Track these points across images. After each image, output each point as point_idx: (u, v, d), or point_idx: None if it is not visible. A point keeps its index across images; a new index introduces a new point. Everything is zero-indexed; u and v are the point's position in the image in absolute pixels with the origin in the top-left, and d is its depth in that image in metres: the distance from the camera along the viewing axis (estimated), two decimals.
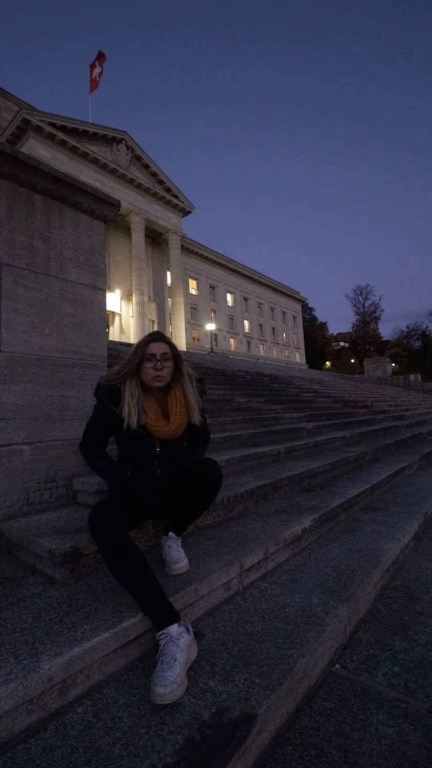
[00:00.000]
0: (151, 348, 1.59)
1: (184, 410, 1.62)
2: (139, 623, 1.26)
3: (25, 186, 2.11)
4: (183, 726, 0.98)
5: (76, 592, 1.42)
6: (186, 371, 1.67)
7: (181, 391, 1.64)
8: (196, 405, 1.65)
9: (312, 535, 2.27)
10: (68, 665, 1.07)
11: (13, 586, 1.49)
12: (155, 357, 1.57)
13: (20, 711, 0.98)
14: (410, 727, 1.11)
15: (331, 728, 1.11)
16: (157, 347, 1.59)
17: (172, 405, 1.61)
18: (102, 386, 1.61)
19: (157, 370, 1.57)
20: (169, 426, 1.58)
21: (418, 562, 2.27)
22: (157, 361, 1.57)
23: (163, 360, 1.58)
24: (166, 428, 1.58)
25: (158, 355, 1.58)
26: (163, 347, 1.60)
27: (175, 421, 1.59)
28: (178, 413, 1.60)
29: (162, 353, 1.58)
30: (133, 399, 1.55)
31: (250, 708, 1.03)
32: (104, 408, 1.60)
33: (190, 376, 1.68)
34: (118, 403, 1.56)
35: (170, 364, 1.61)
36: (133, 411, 1.54)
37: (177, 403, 1.62)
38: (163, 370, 1.58)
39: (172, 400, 1.62)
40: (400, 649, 1.47)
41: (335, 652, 1.42)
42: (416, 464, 4.65)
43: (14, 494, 1.95)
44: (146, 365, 1.58)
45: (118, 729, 0.98)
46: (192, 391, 1.65)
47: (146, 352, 1.58)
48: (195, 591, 1.47)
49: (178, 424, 1.60)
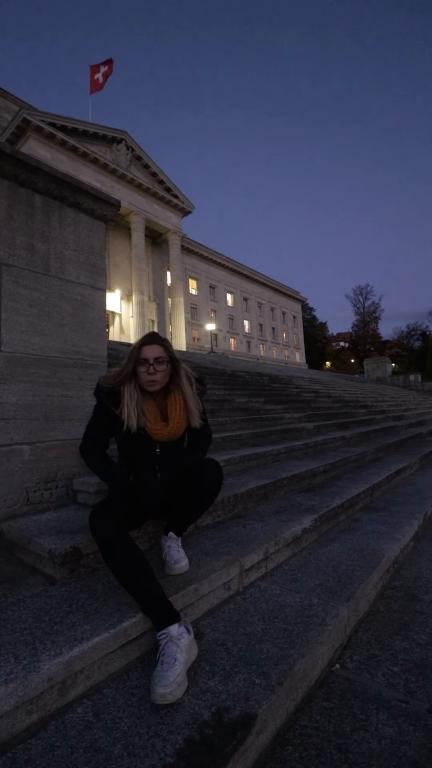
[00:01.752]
0: (144, 352, 1.54)
1: (183, 414, 1.60)
2: (139, 623, 1.26)
3: (25, 186, 2.11)
4: (183, 726, 0.98)
5: (76, 592, 1.42)
6: (184, 373, 1.63)
7: (180, 395, 1.61)
8: (195, 409, 1.62)
9: (312, 535, 2.27)
10: (68, 665, 1.07)
11: (13, 586, 1.49)
12: (148, 361, 1.53)
13: (20, 711, 0.98)
14: (410, 728, 1.11)
15: (331, 728, 1.11)
16: (149, 351, 1.54)
17: (172, 409, 1.59)
18: (102, 387, 1.59)
19: (150, 375, 1.53)
20: (168, 429, 1.57)
21: (418, 562, 2.27)
22: (150, 365, 1.53)
23: (156, 364, 1.54)
24: (164, 431, 1.57)
25: (151, 359, 1.53)
26: (156, 350, 1.55)
27: (174, 424, 1.58)
28: (177, 417, 1.59)
29: (155, 357, 1.54)
30: (132, 402, 1.53)
31: (250, 708, 1.03)
32: (104, 409, 1.59)
33: (189, 378, 1.65)
34: (118, 404, 1.55)
35: (164, 367, 1.57)
36: (132, 413, 1.52)
37: (176, 407, 1.60)
38: (156, 374, 1.54)
39: (171, 404, 1.60)
40: (400, 649, 1.47)
41: (335, 652, 1.42)
42: (416, 464, 4.65)
43: (14, 494, 1.95)
44: (140, 369, 1.55)
45: (118, 729, 0.98)
46: (191, 393, 1.63)
47: (139, 357, 1.55)
48: (195, 591, 1.47)
49: (177, 427, 1.59)
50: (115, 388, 1.57)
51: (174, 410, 1.59)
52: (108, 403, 1.57)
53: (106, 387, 1.58)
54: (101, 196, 2.42)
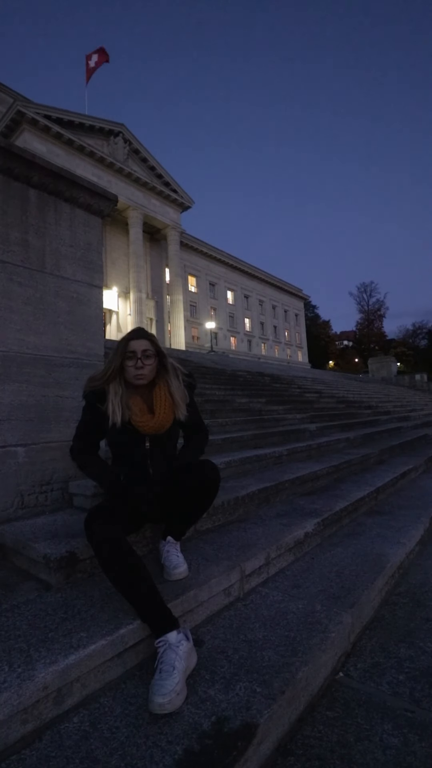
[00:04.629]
0: (132, 346, 1.59)
1: (170, 405, 1.63)
2: (136, 630, 1.26)
3: (19, 180, 2.11)
4: (182, 736, 0.98)
5: (72, 598, 1.42)
6: (171, 366, 1.68)
7: (166, 388, 1.65)
8: (181, 401, 1.66)
9: (315, 539, 2.27)
10: (64, 673, 1.07)
11: (8, 592, 1.49)
12: (136, 355, 1.58)
13: (15, 720, 0.98)
14: (416, 738, 1.11)
15: (334, 738, 1.11)
16: (137, 345, 1.59)
17: (157, 401, 1.62)
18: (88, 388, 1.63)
19: (138, 369, 1.58)
20: (154, 421, 1.60)
21: (424, 568, 2.27)
22: (138, 359, 1.58)
23: (144, 357, 1.59)
24: (151, 423, 1.59)
25: (138, 353, 1.58)
26: (143, 344, 1.60)
27: (160, 415, 1.61)
28: (164, 408, 1.62)
29: (143, 350, 1.59)
30: (116, 397, 1.57)
31: (251, 717, 1.03)
32: (91, 408, 1.63)
33: (175, 371, 1.69)
34: (104, 401, 1.58)
35: (152, 361, 1.62)
36: (117, 408, 1.55)
37: (162, 399, 1.63)
38: (144, 368, 1.59)
39: (157, 396, 1.63)
40: (406, 657, 1.47)
41: (339, 659, 1.42)
42: (422, 466, 4.65)
43: (8, 497, 1.95)
44: (127, 363, 1.60)
45: (116, 739, 0.98)
46: (178, 385, 1.66)
47: (126, 350, 1.59)
48: (194, 597, 1.47)
49: (163, 418, 1.61)
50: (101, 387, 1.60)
51: (159, 401, 1.62)
52: (94, 401, 1.61)
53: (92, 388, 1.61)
54: (98, 190, 2.42)
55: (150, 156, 30.06)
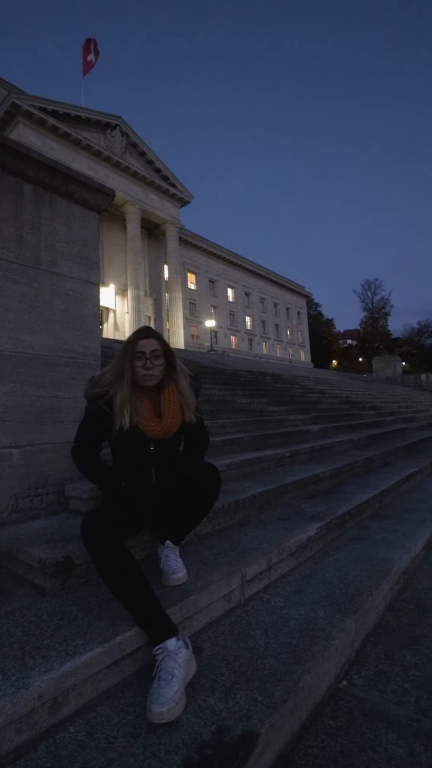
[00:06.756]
0: (141, 345, 1.57)
1: (178, 408, 1.62)
2: (134, 637, 1.26)
3: (13, 174, 2.11)
4: (181, 746, 0.98)
5: (68, 604, 1.42)
6: (179, 367, 1.67)
7: (174, 389, 1.64)
8: (191, 403, 1.65)
9: (317, 543, 2.27)
10: (60, 681, 1.07)
11: (2, 598, 1.49)
12: (145, 355, 1.56)
13: (9, 730, 0.98)
14: (421, 747, 1.11)
15: (338, 748, 1.11)
16: (146, 344, 1.57)
17: (165, 403, 1.61)
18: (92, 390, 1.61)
19: (147, 369, 1.56)
20: (162, 425, 1.59)
21: (429, 573, 2.27)
22: (147, 359, 1.56)
23: (153, 357, 1.57)
24: (158, 427, 1.58)
25: (148, 353, 1.56)
26: (153, 344, 1.58)
27: (168, 419, 1.59)
28: (172, 412, 1.61)
29: (152, 350, 1.57)
30: (125, 400, 1.55)
31: (252, 727, 1.03)
32: (95, 410, 1.60)
33: (183, 372, 1.68)
34: (110, 404, 1.56)
35: (161, 361, 1.60)
36: (125, 412, 1.53)
37: (170, 402, 1.62)
38: (154, 368, 1.57)
39: (165, 399, 1.62)
40: (411, 665, 1.47)
41: (342, 667, 1.42)
42: (428, 469, 4.65)
43: (2, 501, 1.95)
44: (136, 364, 1.57)
45: (113, 749, 0.98)
46: (186, 386, 1.65)
47: (135, 351, 1.57)
48: (194, 603, 1.47)
49: (171, 422, 1.60)
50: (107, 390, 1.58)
51: (168, 405, 1.61)
52: (99, 404, 1.58)
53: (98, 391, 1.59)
54: (94, 185, 2.42)
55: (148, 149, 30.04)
